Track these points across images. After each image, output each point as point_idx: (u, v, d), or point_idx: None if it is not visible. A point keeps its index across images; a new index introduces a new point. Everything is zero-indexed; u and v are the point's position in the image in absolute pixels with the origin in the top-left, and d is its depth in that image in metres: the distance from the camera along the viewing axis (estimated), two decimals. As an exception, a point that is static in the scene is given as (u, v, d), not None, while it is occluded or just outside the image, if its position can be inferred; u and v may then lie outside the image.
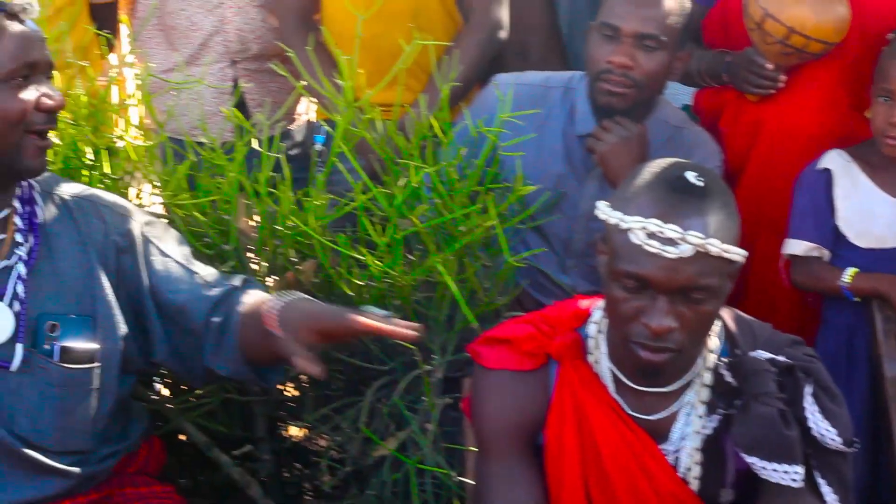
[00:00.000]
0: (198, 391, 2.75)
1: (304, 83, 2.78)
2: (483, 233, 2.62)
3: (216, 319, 2.35)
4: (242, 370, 2.36)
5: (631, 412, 2.24)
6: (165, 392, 2.86)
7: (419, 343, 2.61)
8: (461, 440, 2.57)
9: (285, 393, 2.90)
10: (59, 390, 2.27)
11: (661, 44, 2.95)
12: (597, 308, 2.29)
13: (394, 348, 2.67)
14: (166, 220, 2.58)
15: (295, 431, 2.97)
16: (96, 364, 2.30)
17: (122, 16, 3.74)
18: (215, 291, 2.38)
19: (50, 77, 2.24)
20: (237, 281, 2.41)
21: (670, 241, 2.06)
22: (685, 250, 2.05)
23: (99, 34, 3.12)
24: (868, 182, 3.08)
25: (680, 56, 3.03)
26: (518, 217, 2.71)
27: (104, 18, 3.55)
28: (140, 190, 2.82)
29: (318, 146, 3.39)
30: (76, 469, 2.31)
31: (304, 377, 2.80)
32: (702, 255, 2.06)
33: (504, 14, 3.44)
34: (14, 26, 2.18)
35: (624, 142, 2.96)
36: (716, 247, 2.06)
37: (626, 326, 2.12)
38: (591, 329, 2.27)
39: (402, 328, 2.15)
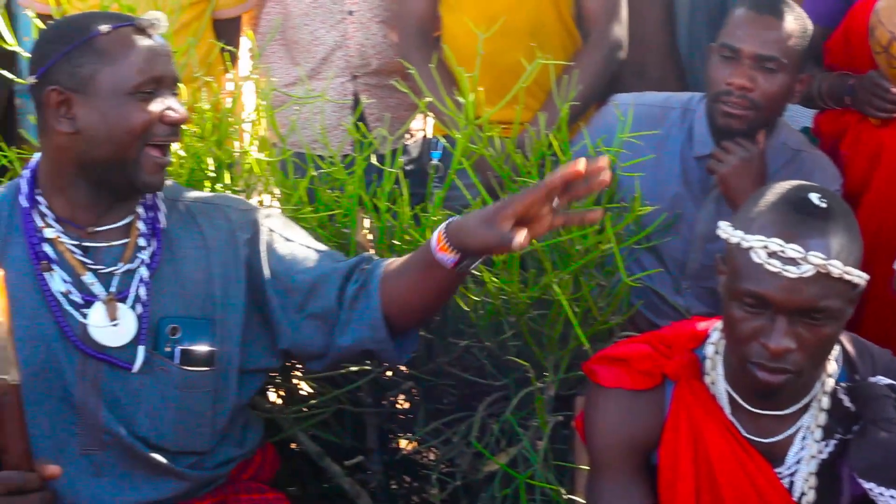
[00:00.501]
0: (312, 401, 2.78)
1: (426, 99, 2.80)
2: (599, 252, 2.62)
3: (353, 288, 2.36)
4: (380, 335, 2.35)
5: (746, 434, 2.22)
6: (279, 401, 2.90)
7: (532, 360, 2.64)
8: (571, 457, 2.57)
9: (397, 405, 2.93)
10: (179, 392, 2.33)
11: (781, 66, 2.93)
12: (714, 329, 2.28)
13: (507, 365, 2.69)
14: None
15: (405, 444, 2.99)
16: (215, 367, 2.35)
17: (246, 30, 3.82)
18: (346, 263, 2.40)
19: (175, 92, 2.30)
20: (362, 258, 2.42)
21: (792, 261, 2.05)
22: (806, 270, 2.04)
23: (223, 49, 3.18)
24: None
25: (801, 78, 3.00)
26: (634, 237, 2.71)
27: (228, 33, 3.62)
28: (261, 203, 2.86)
29: (435, 162, 3.43)
30: (194, 472, 2.36)
31: (415, 390, 2.83)
32: (823, 277, 2.05)
33: (623, 33, 3.44)
34: (142, 41, 2.24)
35: (744, 164, 2.95)
36: (837, 268, 2.05)
37: (744, 346, 2.11)
38: (709, 350, 2.26)
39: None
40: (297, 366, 2.82)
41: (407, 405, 2.94)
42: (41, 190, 2.32)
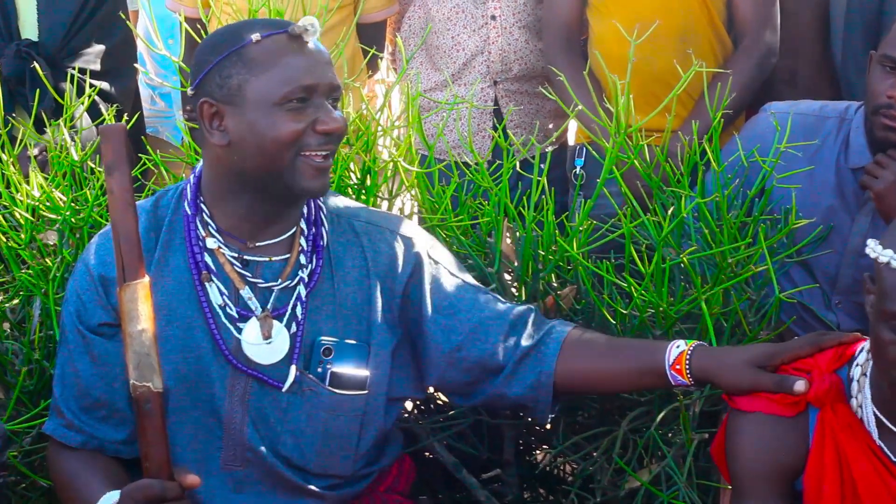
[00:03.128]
0: (449, 412, 2.74)
1: (577, 107, 2.73)
2: (751, 267, 2.53)
3: (526, 344, 2.33)
4: (543, 399, 2.34)
5: (895, 458, 2.12)
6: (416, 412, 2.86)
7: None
8: (716, 476, 2.48)
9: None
10: (327, 414, 2.30)
11: None
12: (861, 350, 2.17)
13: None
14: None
15: (543, 457, 2.92)
16: (365, 392, 2.31)
17: (389, 35, 3.81)
18: (510, 310, 2.36)
19: (334, 99, 2.23)
20: (529, 310, 2.39)
21: None
22: None
23: (370, 52, 3.16)
24: None
25: None
26: (788, 251, 2.61)
27: (372, 37, 3.61)
28: (402, 210, 2.83)
29: (578, 170, 3.37)
30: (332, 492, 2.34)
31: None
32: None
33: (776, 39, 3.35)
34: (294, 49, 2.18)
35: None
36: None
37: (893, 371, 2.01)
38: (855, 371, 2.16)
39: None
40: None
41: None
42: (204, 198, 2.29)
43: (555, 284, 2.67)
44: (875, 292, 2.05)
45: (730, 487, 2.30)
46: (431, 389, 2.59)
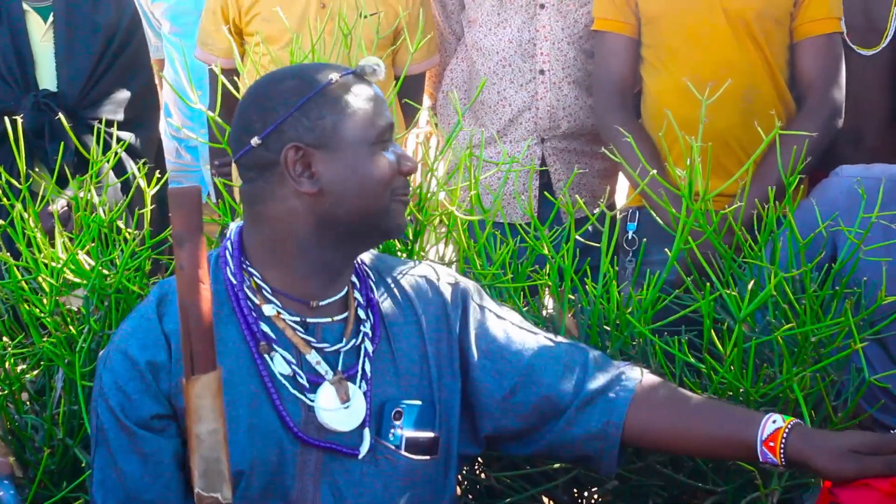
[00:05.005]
0: (507, 499, 2.54)
1: (640, 169, 2.56)
2: (836, 345, 2.34)
3: (591, 387, 2.18)
4: (611, 448, 2.17)
5: None
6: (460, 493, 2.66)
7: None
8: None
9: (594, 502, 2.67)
10: (404, 482, 2.12)
11: None
12: None
13: (728, 467, 2.41)
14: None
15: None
16: (437, 455, 2.14)
17: (429, 89, 3.65)
18: (563, 349, 2.22)
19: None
20: (587, 350, 2.25)
21: None
22: None
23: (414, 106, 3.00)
24: None
25: None
26: (875, 328, 2.42)
27: (410, 89, 3.43)
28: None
29: (630, 235, 3.20)
30: None
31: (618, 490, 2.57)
32: None
33: (842, 99, 3.18)
34: (368, 88, 2.09)
35: None
36: None
37: None
38: None
39: None
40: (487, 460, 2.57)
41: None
42: (251, 261, 2.11)
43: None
44: None
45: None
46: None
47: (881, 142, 3.35)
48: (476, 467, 2.59)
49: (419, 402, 2.14)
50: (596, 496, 2.63)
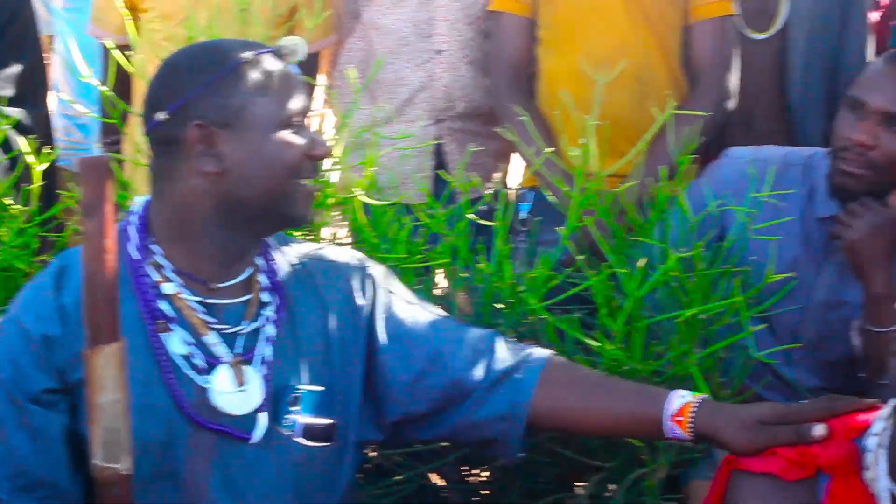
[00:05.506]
0: (395, 476, 2.55)
1: (534, 149, 2.58)
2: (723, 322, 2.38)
3: (497, 370, 2.17)
4: (514, 431, 2.16)
5: (909, 537, 1.98)
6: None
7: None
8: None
9: (484, 481, 2.69)
10: (297, 470, 2.09)
11: None
12: (878, 419, 2.02)
13: (616, 444, 2.44)
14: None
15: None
16: (334, 442, 2.11)
17: (325, 68, 3.63)
18: (479, 338, 2.21)
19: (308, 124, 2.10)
20: (496, 333, 2.24)
21: None
22: None
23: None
24: None
25: None
26: (762, 306, 2.46)
27: (306, 68, 3.40)
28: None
29: (523, 215, 3.21)
30: None
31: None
32: None
33: (733, 81, 3.22)
34: (284, 69, 2.05)
35: (874, 229, 2.69)
36: None
37: None
38: (871, 442, 2.00)
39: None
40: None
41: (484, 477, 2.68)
42: (157, 238, 2.08)
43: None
44: None
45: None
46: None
47: (770, 125, 3.39)
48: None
49: (318, 388, 2.11)
50: (485, 474, 2.66)
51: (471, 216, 2.54)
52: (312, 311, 2.15)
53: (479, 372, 2.17)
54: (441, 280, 2.66)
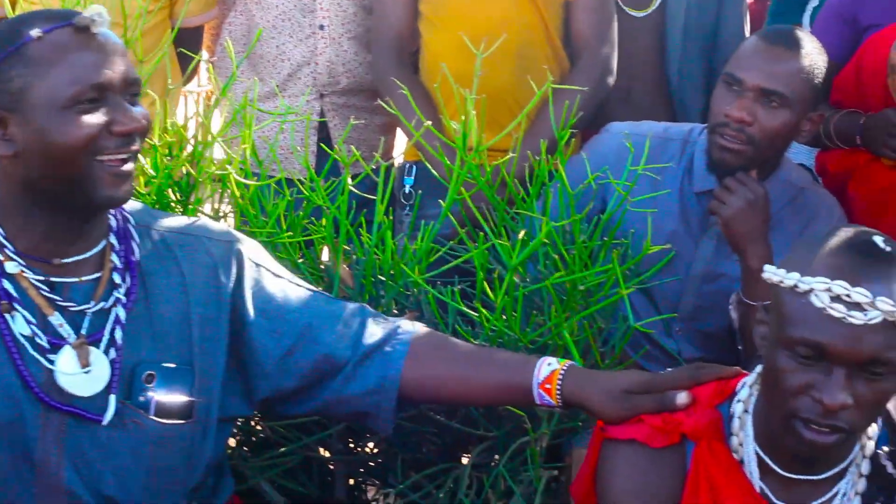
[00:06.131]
0: (280, 448, 2.54)
1: (415, 122, 2.58)
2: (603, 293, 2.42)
3: (367, 343, 2.16)
4: (386, 405, 2.16)
5: (776, 501, 2.02)
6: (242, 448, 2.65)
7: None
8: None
9: (370, 453, 2.69)
10: (153, 448, 2.06)
11: (786, 102, 2.74)
12: (743, 385, 2.07)
13: (498, 413, 2.46)
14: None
15: (380, 496, 2.74)
16: (192, 419, 2.09)
17: (207, 42, 3.60)
18: (341, 307, 2.19)
19: (133, 93, 1.99)
20: (365, 307, 2.22)
21: (857, 307, 1.84)
22: (873, 317, 1.84)
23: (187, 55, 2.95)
24: None
25: (812, 117, 2.80)
26: (639, 277, 2.50)
27: (187, 43, 3.38)
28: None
29: (408, 189, 3.22)
30: None
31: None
32: (889, 326, 1.84)
33: (614, 58, 3.27)
34: (82, 44, 1.95)
35: (750, 205, 2.74)
36: None
37: (790, 401, 1.90)
38: (737, 408, 2.05)
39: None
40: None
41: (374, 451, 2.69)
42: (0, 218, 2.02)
43: (395, 311, 2.50)
44: (770, 321, 1.96)
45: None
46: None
47: (650, 100, 3.44)
48: (250, 418, 2.58)
49: (175, 365, 2.08)
50: (370, 445, 2.67)
51: (352, 189, 2.54)
52: (172, 288, 2.10)
53: (349, 347, 2.16)
54: (324, 254, 2.66)
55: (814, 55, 2.77)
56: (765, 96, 2.74)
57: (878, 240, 1.90)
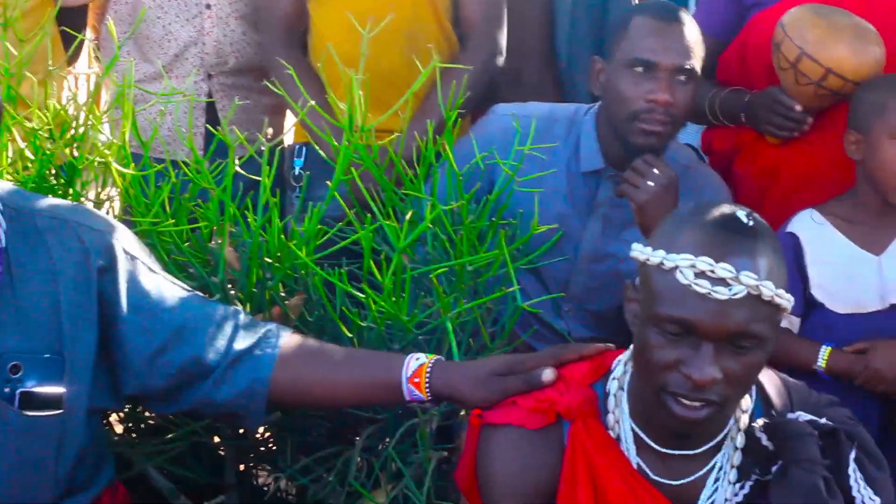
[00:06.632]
0: (167, 434, 2.52)
1: (302, 103, 2.56)
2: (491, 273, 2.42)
3: (238, 347, 2.14)
4: (255, 407, 2.15)
5: (654, 477, 2.05)
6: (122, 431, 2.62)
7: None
8: (456, 497, 2.36)
9: (259, 438, 2.68)
10: (19, 440, 2.02)
11: (693, 76, 2.77)
12: (618, 362, 2.09)
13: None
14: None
15: (270, 480, 2.73)
16: (62, 411, 2.05)
17: (91, 22, 3.53)
18: (215, 309, 2.17)
19: None
20: (238, 311, 2.21)
21: (722, 282, 1.87)
22: (738, 292, 1.87)
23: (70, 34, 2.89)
24: (846, 241, 2.87)
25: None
26: (526, 258, 2.51)
27: (71, 23, 3.31)
28: (116, 213, 2.59)
29: (297, 171, 3.20)
30: None
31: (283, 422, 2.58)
32: (753, 299, 1.88)
33: (503, 39, 3.26)
34: None
35: (664, 189, 2.74)
36: (769, 290, 1.88)
37: (661, 377, 1.92)
38: (612, 385, 2.07)
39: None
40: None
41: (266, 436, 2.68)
42: None
43: (283, 294, 2.49)
44: (639, 298, 1.98)
45: (472, 507, 2.18)
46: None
47: (539, 80, 3.45)
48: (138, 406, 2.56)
49: (43, 355, 2.03)
50: (260, 430, 2.65)
51: (239, 171, 2.51)
52: (41, 274, 2.05)
53: (220, 350, 2.14)
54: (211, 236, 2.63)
55: (695, 25, 2.81)
56: (679, 74, 2.76)
57: (742, 214, 1.93)
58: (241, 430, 2.57)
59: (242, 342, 2.16)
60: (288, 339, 2.19)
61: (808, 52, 2.82)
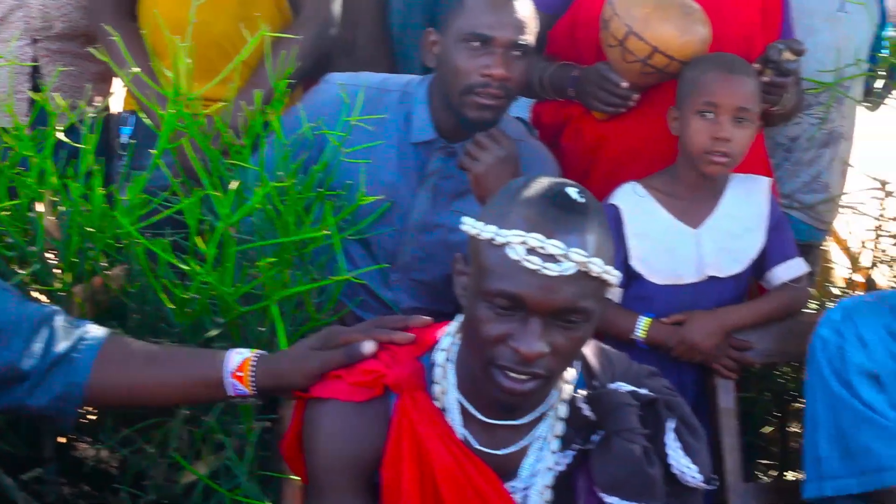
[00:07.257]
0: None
1: (128, 71, 2.51)
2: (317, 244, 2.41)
3: (56, 352, 2.09)
4: (69, 411, 2.12)
5: (479, 447, 2.07)
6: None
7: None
8: (279, 467, 2.35)
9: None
10: None
11: (529, 51, 2.79)
12: (446, 335, 2.10)
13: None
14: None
15: (92, 452, 2.68)
16: None
17: None
18: (39, 317, 2.11)
19: None
20: (57, 312, 2.15)
21: (552, 258, 1.89)
22: (567, 268, 1.89)
23: None
24: (666, 214, 2.93)
25: None
26: (354, 228, 2.51)
27: None
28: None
29: (124, 139, 3.14)
30: None
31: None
32: (582, 276, 1.90)
33: (337, 9, 3.23)
34: None
35: (502, 162, 2.76)
36: (598, 267, 1.91)
37: (489, 350, 1.94)
38: (439, 357, 2.08)
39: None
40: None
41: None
42: None
43: (104, 264, 2.44)
44: (470, 272, 1.98)
45: (295, 478, 2.18)
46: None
47: (372, 52, 3.44)
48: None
49: None
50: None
51: (63, 139, 2.45)
52: None
53: (36, 354, 2.10)
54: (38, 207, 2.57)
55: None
56: (514, 49, 2.77)
57: (573, 191, 1.95)
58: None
59: (59, 345, 2.11)
60: (107, 340, 2.15)
61: (636, 30, 2.86)
